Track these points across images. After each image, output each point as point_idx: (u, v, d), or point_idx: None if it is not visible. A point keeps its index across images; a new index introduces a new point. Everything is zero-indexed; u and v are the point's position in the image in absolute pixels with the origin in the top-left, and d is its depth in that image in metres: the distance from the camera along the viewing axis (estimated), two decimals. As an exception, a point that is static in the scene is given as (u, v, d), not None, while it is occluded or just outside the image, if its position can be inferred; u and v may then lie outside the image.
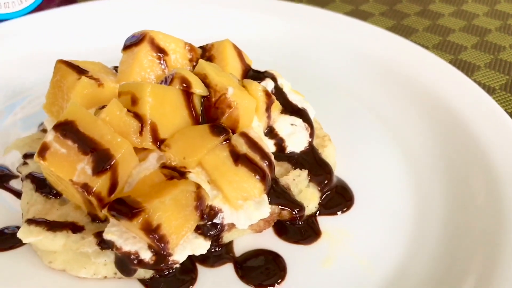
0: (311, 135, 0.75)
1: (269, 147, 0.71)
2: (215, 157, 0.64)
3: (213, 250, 0.65)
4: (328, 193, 0.72)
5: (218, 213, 0.62)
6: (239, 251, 0.66)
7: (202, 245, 0.61)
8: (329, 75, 0.97)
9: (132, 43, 0.75)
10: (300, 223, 0.69)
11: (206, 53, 0.80)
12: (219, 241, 0.64)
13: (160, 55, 0.75)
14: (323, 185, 0.71)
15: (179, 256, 0.60)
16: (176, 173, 0.62)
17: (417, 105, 0.86)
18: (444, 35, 1.20)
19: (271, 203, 0.65)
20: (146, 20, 1.07)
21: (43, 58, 1.03)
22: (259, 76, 0.78)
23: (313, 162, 0.73)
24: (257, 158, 0.66)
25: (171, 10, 1.09)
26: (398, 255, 0.65)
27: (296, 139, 0.73)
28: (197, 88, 0.67)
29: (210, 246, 0.62)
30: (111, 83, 0.74)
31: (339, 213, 0.71)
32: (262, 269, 0.64)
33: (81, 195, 0.60)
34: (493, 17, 1.26)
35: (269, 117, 0.73)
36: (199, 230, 0.62)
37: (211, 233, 0.62)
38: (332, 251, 0.66)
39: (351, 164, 0.78)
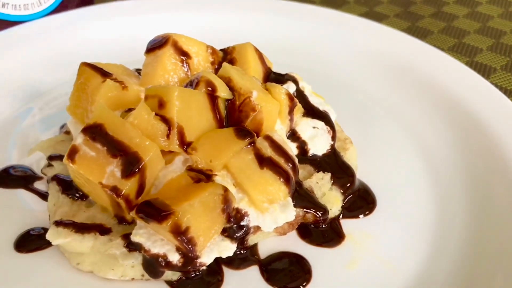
0: (333, 138, 0.75)
1: (292, 150, 0.71)
2: (240, 160, 0.64)
3: (238, 252, 0.65)
4: (350, 196, 0.73)
5: (244, 216, 0.63)
6: (263, 253, 0.66)
7: (229, 248, 0.62)
8: (346, 77, 0.97)
9: (155, 46, 0.76)
10: (323, 226, 0.69)
11: (227, 56, 0.80)
12: (244, 243, 0.65)
13: (183, 58, 0.76)
14: (345, 188, 0.72)
15: (206, 258, 0.61)
16: (203, 176, 0.63)
17: (437, 108, 0.87)
18: (459, 37, 1.20)
19: (295, 206, 0.65)
20: (164, 22, 1.07)
21: (61, 60, 1.04)
22: (281, 79, 0.79)
23: (335, 165, 0.74)
24: (281, 161, 0.66)
25: (189, 12, 1.10)
26: (421, 257, 0.66)
27: (318, 142, 0.74)
28: (222, 91, 0.68)
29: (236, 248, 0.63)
30: (135, 86, 0.74)
31: (361, 216, 0.72)
32: (287, 271, 0.64)
33: (110, 197, 0.61)
34: (508, 19, 1.26)
35: (291, 120, 0.73)
36: (225, 232, 0.62)
37: (237, 236, 0.63)
38: (356, 254, 0.66)
39: (372, 167, 0.78)
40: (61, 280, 0.62)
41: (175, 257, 0.59)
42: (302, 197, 0.67)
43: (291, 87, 0.77)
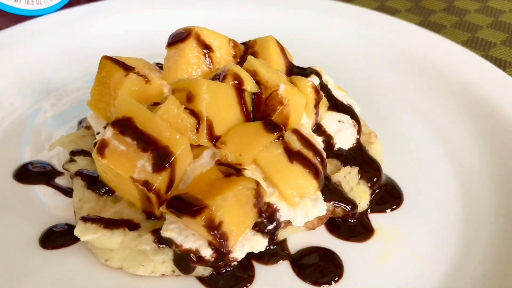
0: (359, 132, 0.75)
1: (319, 144, 0.70)
2: (270, 154, 0.63)
3: (268, 247, 0.64)
4: (377, 190, 0.72)
5: (275, 211, 0.62)
6: (293, 248, 0.66)
7: (260, 242, 0.61)
8: (364, 72, 0.97)
9: (177, 39, 0.75)
10: (352, 220, 0.68)
11: (249, 49, 0.79)
12: (274, 238, 0.64)
13: (205, 51, 0.74)
14: (373, 182, 0.71)
15: (239, 253, 0.60)
16: (233, 170, 0.62)
17: (459, 102, 0.86)
18: (472, 31, 1.19)
19: (325, 200, 0.65)
20: (178, 16, 1.07)
21: (72, 55, 1.03)
22: (304, 72, 0.78)
23: (361, 159, 0.73)
24: (310, 155, 0.65)
25: (204, 6, 1.09)
26: (451, 251, 0.65)
27: (344, 136, 0.73)
28: (249, 85, 0.67)
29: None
30: (158, 80, 0.73)
31: (388, 211, 0.71)
32: (318, 266, 0.63)
33: (139, 192, 0.60)
34: (519, 13, 1.26)
35: (317, 113, 0.72)
36: (256, 227, 0.61)
37: (268, 230, 0.62)
38: (386, 248, 0.66)
39: (396, 161, 0.77)
40: (91, 276, 0.61)
41: (207, 252, 0.58)
42: (331, 191, 0.66)
43: (314, 81, 0.77)
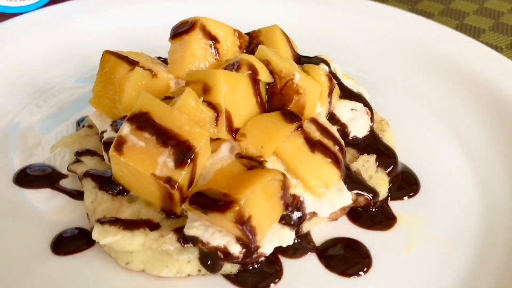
0: (372, 119, 0.73)
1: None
2: (291, 144, 0.62)
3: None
4: (395, 178, 0.71)
5: (301, 202, 0.60)
6: (317, 240, 0.64)
7: (288, 236, 0.59)
8: (365, 62, 0.96)
9: (181, 31, 0.72)
10: (374, 209, 0.67)
11: (253, 40, 0.77)
12: (299, 231, 0.62)
13: (211, 42, 0.72)
14: (390, 170, 0.70)
15: (267, 248, 0.58)
16: (255, 162, 0.60)
17: (466, 89, 0.86)
18: (460, 18, 1.20)
19: (348, 189, 0.63)
20: (166, 10, 1.04)
21: (58, 54, 0.98)
22: (312, 61, 0.76)
23: (376, 147, 0.72)
24: (330, 144, 0.64)
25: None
26: (474, 235, 0.65)
27: (358, 124, 0.72)
28: (263, 75, 0.65)
29: (293, 236, 0.60)
30: (164, 73, 0.71)
31: (405, 198, 0.70)
32: (346, 257, 0.62)
33: (161, 190, 0.57)
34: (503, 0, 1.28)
35: (330, 102, 0.71)
36: (282, 220, 0.59)
37: (294, 223, 0.60)
38: (411, 235, 0.65)
39: (408, 147, 0.76)
40: (112, 281, 0.58)
41: (236, 249, 0.56)
42: (352, 180, 0.65)
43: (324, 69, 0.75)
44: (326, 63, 0.77)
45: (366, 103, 0.74)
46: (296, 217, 0.60)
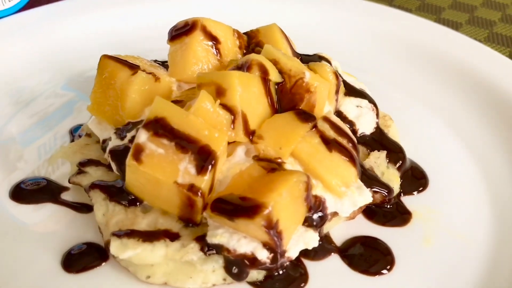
0: (377, 115, 0.73)
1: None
2: (308, 144, 0.61)
3: (314, 242, 0.61)
4: (404, 173, 0.71)
5: (323, 203, 0.59)
6: (336, 240, 0.63)
7: (313, 238, 0.58)
8: (360, 60, 0.96)
9: (181, 33, 0.70)
10: (389, 206, 0.67)
11: (252, 39, 0.76)
12: (320, 232, 0.61)
13: (213, 43, 0.70)
14: (399, 165, 0.70)
15: (293, 251, 0.56)
16: (275, 164, 0.59)
17: (463, 83, 0.87)
18: (437, 13, 1.23)
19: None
20: (149, 11, 1.01)
21: (37, 60, 0.93)
22: (313, 59, 0.75)
23: (384, 143, 0.72)
24: (344, 142, 0.63)
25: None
26: (488, 225, 0.65)
27: (364, 120, 0.72)
28: (273, 74, 0.63)
29: (315, 238, 0.59)
30: (166, 77, 0.68)
31: (415, 193, 0.70)
32: (368, 255, 0.61)
33: (182, 197, 0.55)
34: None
35: (337, 100, 0.70)
36: (306, 222, 0.58)
37: (317, 224, 0.59)
38: (427, 230, 0.65)
39: (411, 143, 0.76)
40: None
41: (263, 254, 0.54)
42: (368, 177, 0.65)
43: (327, 67, 0.74)
44: (327, 60, 0.76)
45: (370, 100, 0.73)
46: (318, 218, 0.59)
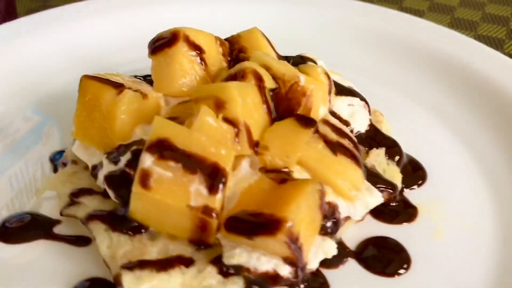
0: (369, 112, 0.73)
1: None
2: (313, 150, 0.59)
3: (328, 249, 0.60)
4: (403, 168, 0.71)
5: (335, 209, 0.58)
6: (350, 243, 0.62)
7: (332, 246, 0.56)
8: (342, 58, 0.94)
9: (163, 44, 0.66)
10: (395, 203, 0.66)
11: (234, 45, 0.73)
12: (335, 239, 0.60)
13: (197, 53, 0.67)
14: (398, 160, 0.70)
15: (314, 263, 0.55)
16: (284, 174, 0.56)
17: (451, 77, 0.87)
18: (398, 2, 1.24)
19: (373, 187, 0.62)
20: (116, 24, 0.96)
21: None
22: (299, 61, 0.73)
23: (380, 139, 0.71)
24: (346, 143, 0.62)
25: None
26: (493, 215, 0.66)
27: (358, 119, 0.71)
28: (267, 81, 0.61)
29: (330, 245, 0.58)
30: (153, 93, 0.65)
31: (415, 186, 0.70)
32: (383, 255, 0.61)
33: (194, 220, 0.52)
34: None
35: (330, 100, 0.69)
36: (321, 231, 0.57)
37: (332, 231, 0.57)
38: (436, 223, 0.64)
39: (402, 137, 0.76)
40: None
41: (285, 270, 0.52)
42: (373, 176, 0.64)
43: (314, 68, 0.73)
44: (312, 61, 0.74)
45: (361, 97, 0.73)
46: (332, 224, 0.57)
